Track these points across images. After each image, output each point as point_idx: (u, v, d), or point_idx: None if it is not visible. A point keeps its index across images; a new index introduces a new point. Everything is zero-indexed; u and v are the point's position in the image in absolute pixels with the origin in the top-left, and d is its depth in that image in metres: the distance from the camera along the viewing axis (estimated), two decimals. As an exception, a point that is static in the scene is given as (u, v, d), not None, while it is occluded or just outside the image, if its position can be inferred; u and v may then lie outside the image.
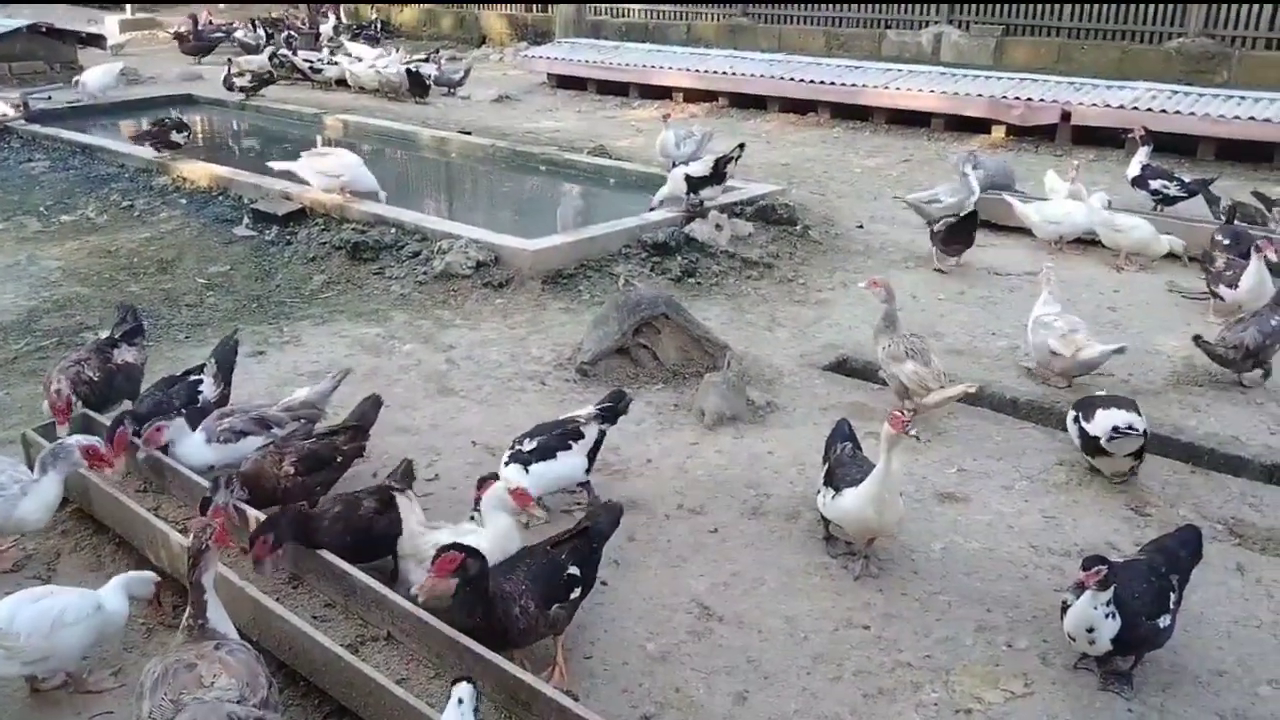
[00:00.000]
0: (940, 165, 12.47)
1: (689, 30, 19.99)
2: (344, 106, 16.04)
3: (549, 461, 4.82)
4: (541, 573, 3.88)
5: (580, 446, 4.94)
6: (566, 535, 4.14)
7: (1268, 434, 5.90)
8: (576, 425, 4.99)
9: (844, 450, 4.86)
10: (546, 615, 3.84)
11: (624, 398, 5.32)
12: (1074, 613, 3.83)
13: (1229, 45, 14.86)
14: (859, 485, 4.48)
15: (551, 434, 4.93)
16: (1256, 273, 7.25)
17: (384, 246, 8.47)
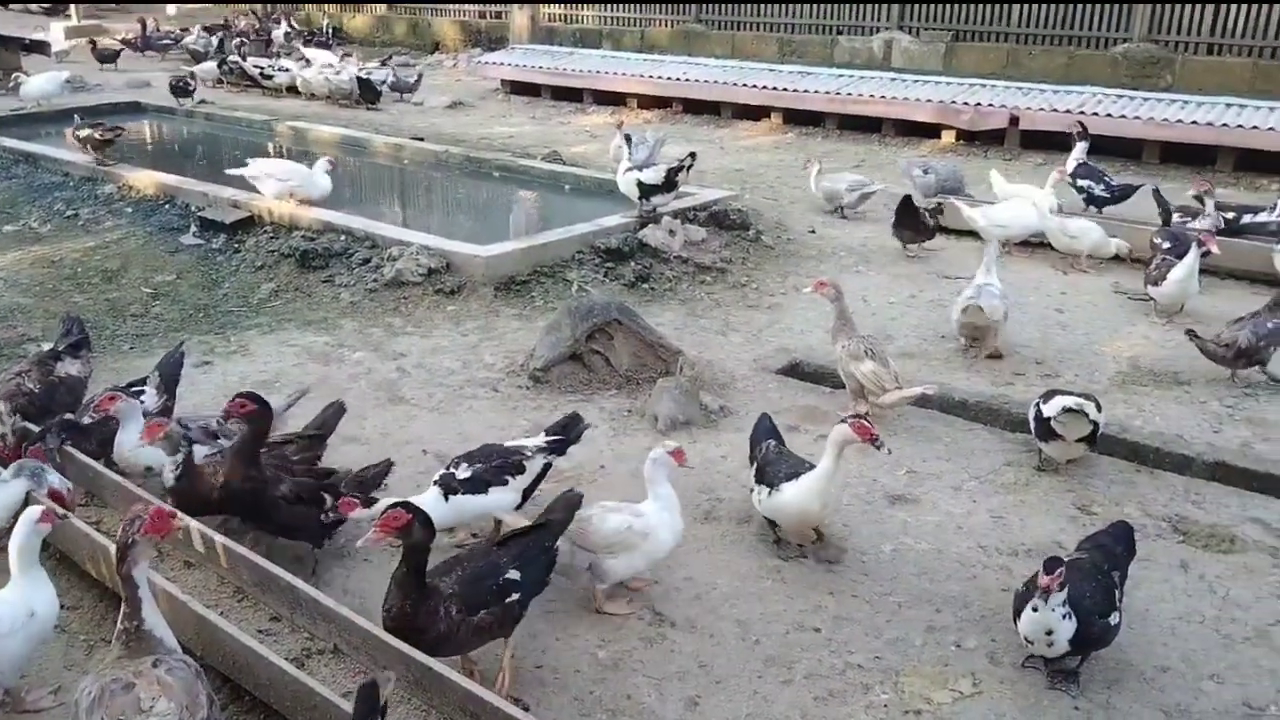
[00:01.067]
0: (892, 169, 12.58)
1: (643, 36, 20.03)
2: (295, 113, 15.89)
3: (477, 496, 4.56)
4: (474, 576, 3.80)
5: (517, 482, 4.67)
6: (515, 534, 4.10)
7: (1211, 433, 6.00)
8: (520, 459, 4.73)
9: (769, 448, 4.94)
10: (470, 623, 3.72)
11: (577, 425, 5.09)
12: (1032, 617, 3.83)
13: (1172, 50, 15.13)
14: (799, 480, 4.54)
15: (490, 465, 4.65)
16: (1186, 267, 7.37)
17: (334, 254, 8.38)
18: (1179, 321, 7.60)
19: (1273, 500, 5.32)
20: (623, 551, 4.32)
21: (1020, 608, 3.93)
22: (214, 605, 4.34)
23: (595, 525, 4.32)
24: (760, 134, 15.20)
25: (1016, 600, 4.01)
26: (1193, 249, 7.40)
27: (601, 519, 4.34)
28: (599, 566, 4.34)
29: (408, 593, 3.65)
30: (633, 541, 4.31)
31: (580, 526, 4.31)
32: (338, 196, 9.47)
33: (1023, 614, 3.88)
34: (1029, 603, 3.85)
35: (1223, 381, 6.64)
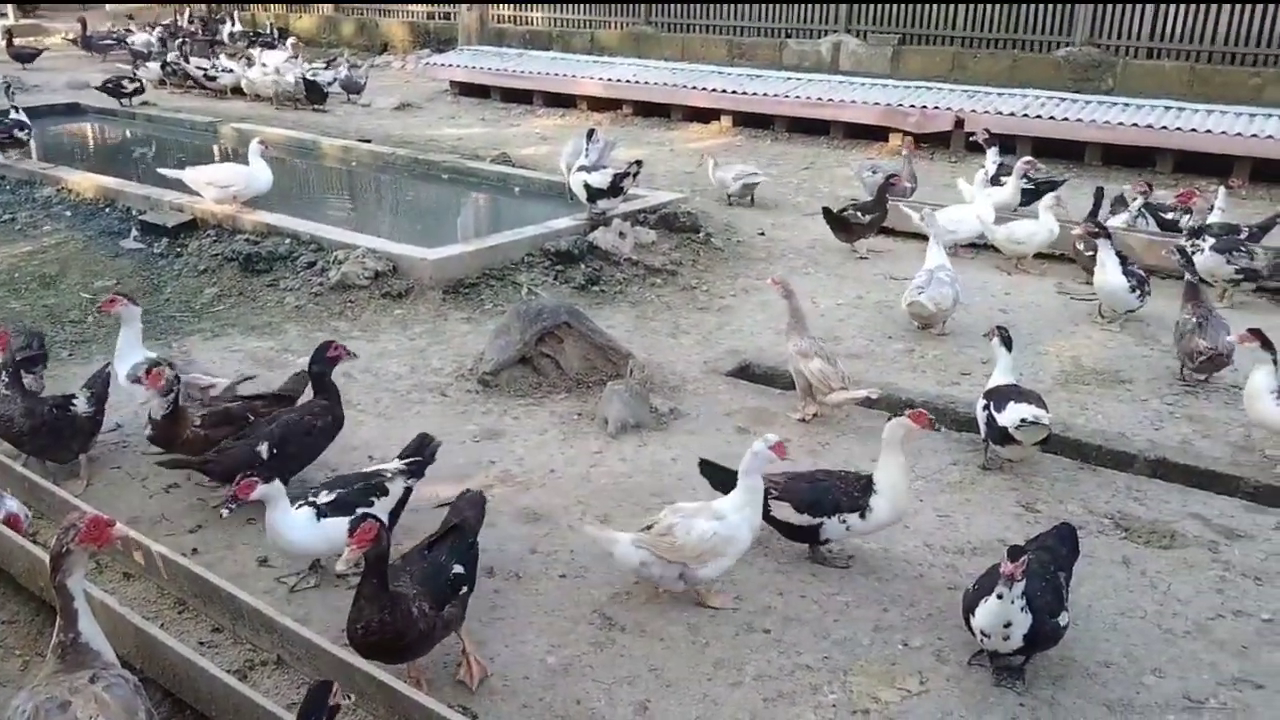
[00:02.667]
0: (841, 172, 12.69)
1: (593, 39, 20.00)
2: (240, 115, 15.67)
3: (342, 518, 4.26)
4: (427, 575, 3.82)
5: (380, 506, 4.49)
6: (438, 536, 4.08)
7: (1152, 430, 6.10)
8: (382, 480, 4.58)
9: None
10: (441, 616, 3.79)
11: (429, 445, 4.85)
12: (993, 609, 3.82)
13: (1113, 54, 15.41)
14: (879, 492, 4.61)
15: (353, 487, 4.50)
16: (1100, 263, 7.50)
17: (278, 257, 8.26)
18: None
19: (1212, 496, 5.43)
20: (712, 559, 4.29)
21: (973, 605, 3.95)
22: (154, 617, 4.26)
23: (681, 540, 4.25)
24: (710, 136, 15.23)
25: (968, 598, 4.03)
26: (1101, 245, 7.50)
27: (686, 531, 4.26)
28: (691, 575, 4.31)
29: (381, 603, 3.61)
30: (721, 549, 4.30)
31: (665, 541, 4.26)
32: (282, 199, 9.35)
33: (979, 607, 3.89)
34: (986, 595, 3.86)
35: (1163, 379, 6.76)
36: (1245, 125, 12.46)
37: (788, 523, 4.68)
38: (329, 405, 5.27)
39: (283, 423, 5.10)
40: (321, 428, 5.21)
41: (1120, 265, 7.47)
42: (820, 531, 4.65)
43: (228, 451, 4.96)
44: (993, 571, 4.00)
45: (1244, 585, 4.64)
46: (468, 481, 5.40)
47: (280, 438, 5.02)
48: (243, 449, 4.94)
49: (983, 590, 3.93)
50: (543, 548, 4.87)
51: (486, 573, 4.61)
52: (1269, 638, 4.30)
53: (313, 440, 5.20)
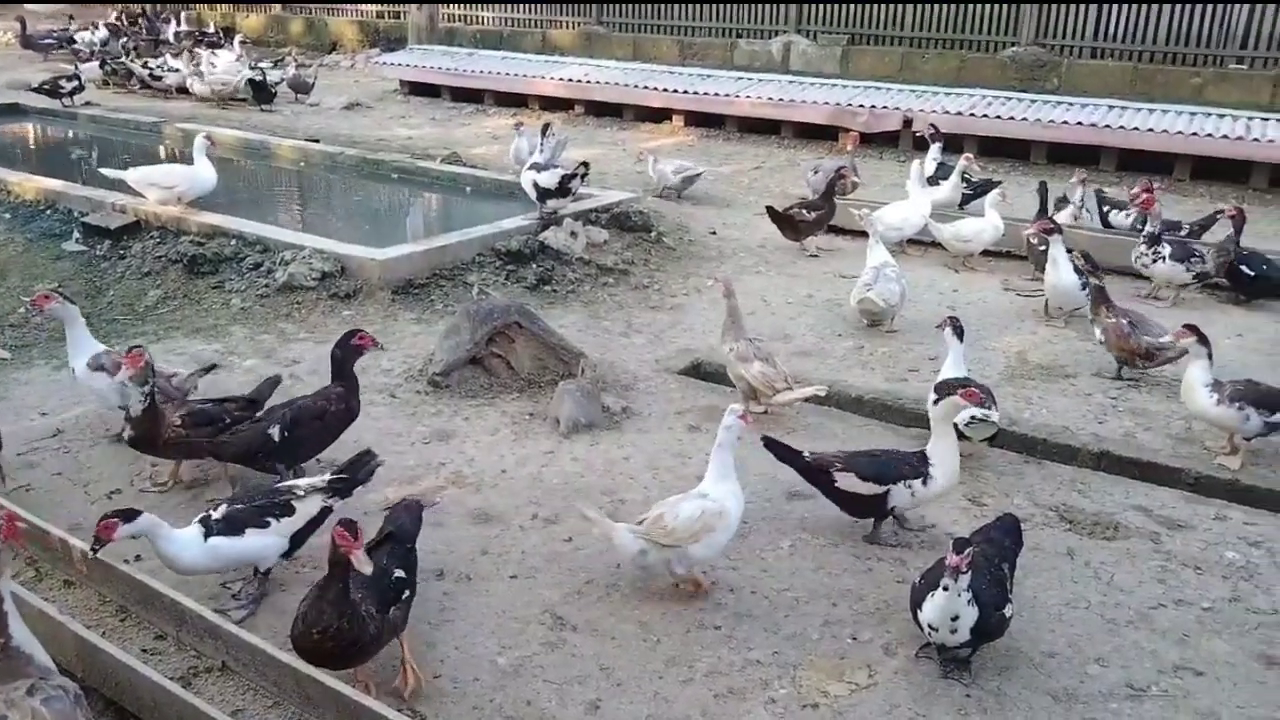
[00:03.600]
0: (792, 171, 12.76)
1: (544, 38, 19.96)
2: (185, 115, 15.44)
3: (232, 538, 4.17)
4: (369, 581, 3.78)
5: (282, 525, 4.28)
6: (375, 543, 4.05)
7: (1096, 423, 6.20)
8: (289, 499, 4.35)
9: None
10: (388, 620, 3.77)
11: (366, 464, 4.60)
12: (940, 602, 3.84)
13: (1058, 54, 15.66)
14: (935, 464, 4.79)
15: (251, 504, 4.30)
16: (1051, 261, 7.60)
17: (224, 259, 8.14)
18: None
19: (1154, 488, 5.53)
20: (705, 535, 4.33)
21: (920, 599, 3.97)
22: (95, 625, 4.19)
23: (670, 522, 4.31)
24: (662, 136, 15.26)
25: (915, 592, 4.06)
26: (1053, 243, 7.59)
27: (674, 513, 4.33)
28: (686, 557, 4.35)
29: (342, 609, 3.57)
30: (711, 524, 4.34)
31: (656, 526, 4.32)
32: (229, 200, 9.22)
33: (926, 602, 3.91)
34: (933, 589, 3.88)
35: (1107, 374, 6.88)
36: (1186, 124, 12.71)
37: (854, 493, 4.79)
38: (345, 393, 5.27)
39: (295, 406, 5.14)
40: (335, 413, 5.22)
41: (1070, 262, 7.59)
42: (887, 499, 4.76)
43: (240, 433, 5.03)
44: (939, 565, 4.05)
45: (1184, 575, 4.73)
46: (418, 483, 5.39)
47: (292, 420, 5.04)
48: (254, 431, 5.00)
49: (929, 584, 3.96)
50: (494, 549, 4.84)
51: (436, 575, 4.59)
52: (1209, 625, 4.39)
53: (324, 426, 5.20)
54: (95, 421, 5.94)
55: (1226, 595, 4.59)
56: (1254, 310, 8.34)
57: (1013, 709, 3.87)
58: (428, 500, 5.15)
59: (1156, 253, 8.14)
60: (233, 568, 4.34)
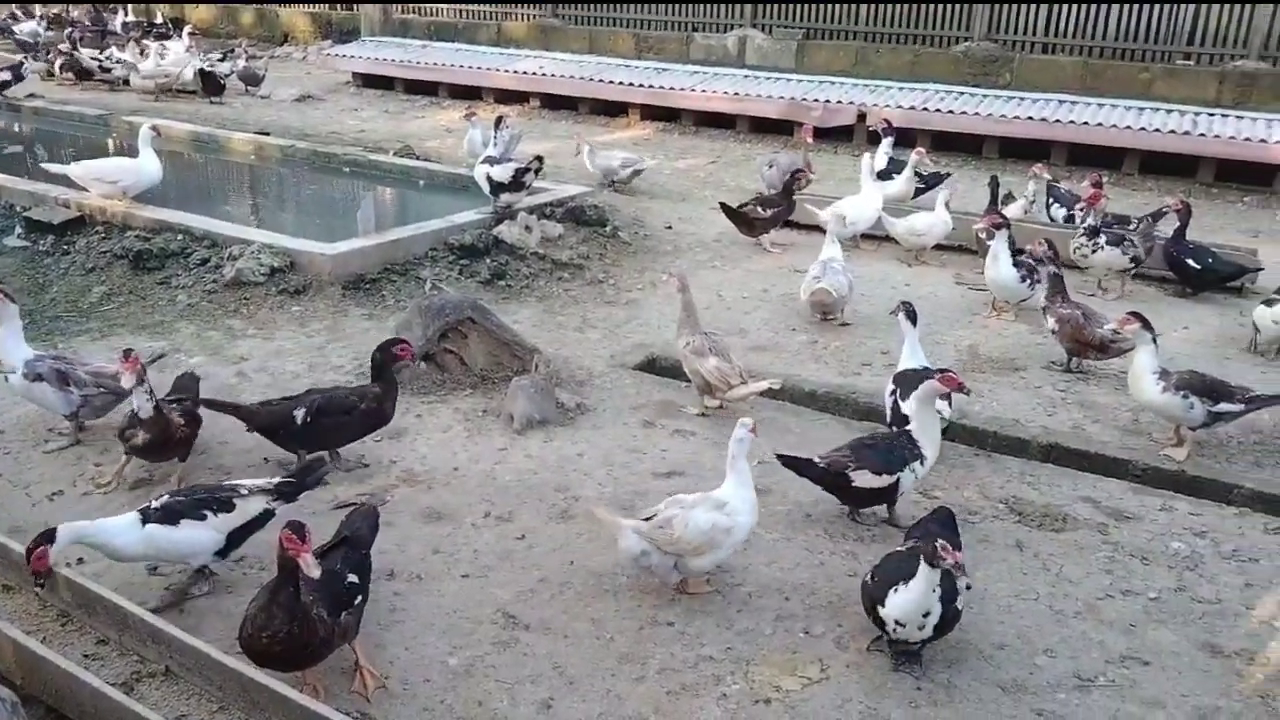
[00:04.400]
0: (748, 166, 12.78)
1: (499, 30, 19.79)
2: (133, 108, 15.16)
3: (168, 527, 4.12)
4: (321, 584, 3.73)
5: (219, 521, 4.22)
6: (329, 546, 4.02)
7: (1045, 416, 6.27)
8: (230, 496, 4.30)
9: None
10: (339, 623, 3.74)
11: (316, 471, 4.64)
12: (911, 599, 3.82)
13: (1010, 49, 15.77)
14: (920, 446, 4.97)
15: (191, 497, 4.26)
16: (991, 255, 7.68)
17: (170, 254, 8.00)
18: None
19: (1102, 479, 5.60)
20: (709, 550, 4.33)
21: (880, 596, 3.92)
22: (35, 631, 4.09)
23: (679, 532, 4.27)
24: (619, 130, 15.22)
25: (871, 589, 4.02)
26: (997, 239, 7.67)
27: (684, 524, 4.28)
28: (686, 566, 4.38)
29: (293, 611, 3.53)
30: (718, 540, 4.34)
31: (665, 534, 4.28)
32: (177, 194, 9.07)
33: (891, 597, 3.86)
34: (893, 584, 3.86)
35: (1056, 367, 6.95)
36: (1135, 119, 12.90)
37: (871, 488, 4.92)
38: (380, 395, 5.38)
39: (327, 395, 5.32)
40: (364, 412, 5.32)
41: (1011, 256, 7.65)
42: (899, 486, 4.92)
43: (270, 407, 5.27)
44: (891, 559, 4.06)
45: (1131, 565, 4.79)
46: (369, 482, 5.33)
47: (319, 409, 5.20)
48: (282, 409, 5.22)
49: (887, 580, 3.95)
50: (445, 548, 4.79)
51: (387, 575, 4.54)
52: (1155, 615, 4.45)
53: (350, 421, 5.31)
54: (37, 422, 5.81)
55: (1172, 585, 4.66)
56: (1200, 303, 8.48)
57: (963, 701, 3.90)
58: (378, 499, 5.11)
59: (1095, 244, 8.24)
60: (167, 559, 4.28)
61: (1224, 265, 8.47)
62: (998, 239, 7.61)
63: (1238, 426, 6.08)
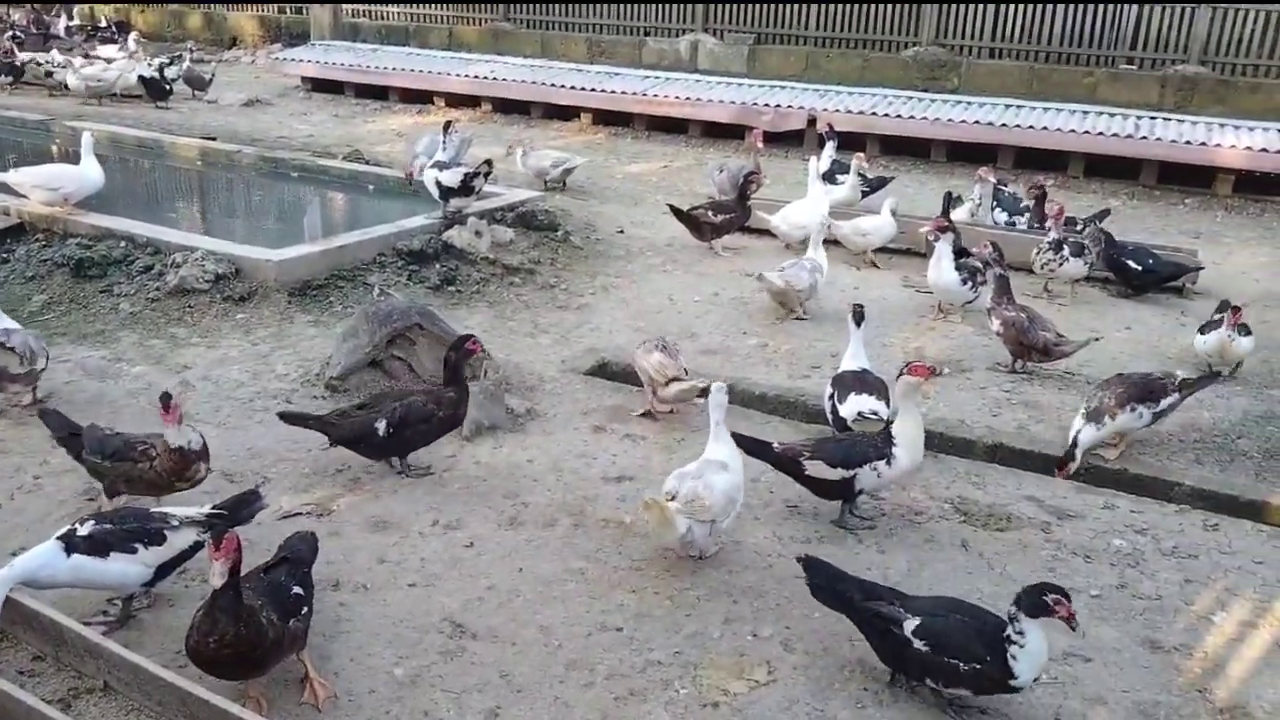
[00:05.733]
0: (700, 170, 12.80)
1: (451, 34, 19.72)
2: (75, 113, 14.88)
3: (96, 559, 3.96)
4: (268, 591, 3.73)
5: (148, 555, 4.06)
6: (272, 563, 3.99)
7: (990, 416, 6.35)
8: (161, 528, 4.13)
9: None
10: (288, 629, 3.70)
11: (250, 505, 4.46)
12: (1043, 652, 3.72)
13: (958, 54, 15.99)
14: (899, 445, 4.91)
15: (122, 526, 4.07)
16: (935, 258, 7.78)
17: (112, 262, 7.85)
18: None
19: (1045, 479, 5.67)
20: (732, 509, 4.65)
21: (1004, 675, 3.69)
22: (-34, 649, 3.99)
23: (710, 500, 4.50)
24: (571, 134, 15.20)
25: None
26: (941, 243, 7.75)
27: (709, 490, 4.51)
28: (719, 530, 4.65)
29: (237, 614, 3.48)
30: (735, 496, 4.64)
31: (698, 504, 4.47)
32: (120, 201, 8.90)
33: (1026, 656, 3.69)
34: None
35: (1002, 368, 7.04)
36: (1079, 122, 13.12)
37: (824, 479, 4.94)
38: (455, 400, 5.43)
39: (406, 404, 5.31)
40: (442, 419, 5.39)
41: (956, 259, 7.74)
42: (855, 482, 4.91)
43: (351, 419, 5.30)
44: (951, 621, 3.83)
45: (1074, 563, 4.86)
46: (313, 491, 5.26)
47: (400, 419, 5.25)
48: (363, 421, 5.26)
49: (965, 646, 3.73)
50: (391, 557, 4.75)
51: (332, 585, 4.49)
52: (1097, 613, 4.51)
53: (429, 429, 5.38)
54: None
55: (1114, 582, 4.73)
56: (1142, 303, 8.63)
57: (908, 700, 3.93)
58: (322, 508, 5.06)
59: (1061, 256, 8.37)
60: (92, 588, 4.16)
61: (1164, 266, 8.63)
62: (942, 242, 7.70)
63: (1179, 425, 6.20)
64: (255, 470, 5.40)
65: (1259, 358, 7.40)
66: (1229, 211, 12.12)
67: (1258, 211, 12.08)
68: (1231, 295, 8.85)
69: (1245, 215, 12.00)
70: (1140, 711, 3.93)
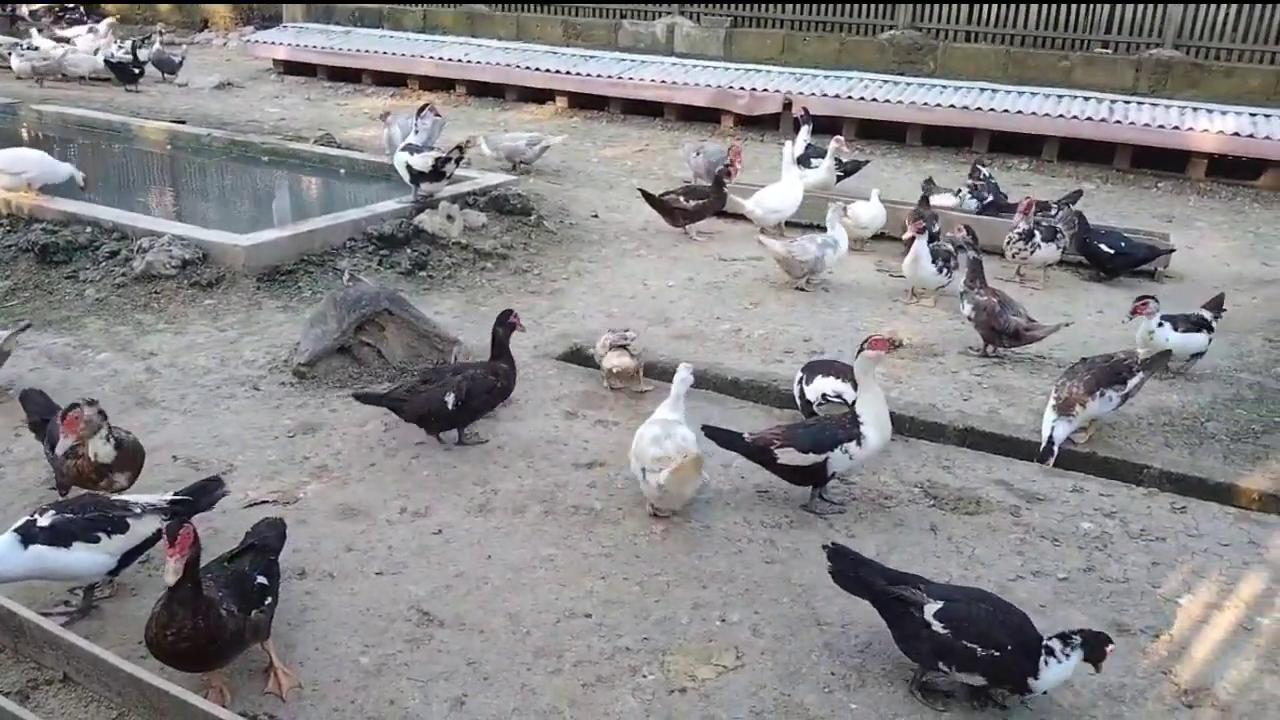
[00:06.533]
0: (675, 154, 12.76)
1: (425, 16, 19.51)
2: (44, 96, 14.68)
3: (59, 549, 3.90)
4: (230, 581, 3.69)
5: (113, 543, 4.01)
6: (237, 552, 3.94)
7: (962, 400, 6.35)
8: (124, 516, 4.07)
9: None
10: (249, 620, 3.66)
11: (213, 491, 4.41)
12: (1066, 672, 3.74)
13: (934, 38, 15.95)
14: (866, 422, 4.95)
15: (84, 515, 4.01)
16: (912, 253, 7.76)
17: (78, 247, 7.74)
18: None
19: (1015, 462, 5.68)
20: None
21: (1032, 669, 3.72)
22: (-79, 641, 3.93)
23: (697, 450, 4.76)
24: (545, 117, 15.12)
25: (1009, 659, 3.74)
26: (918, 239, 7.71)
27: (688, 439, 4.84)
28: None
29: (196, 607, 3.44)
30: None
31: (691, 460, 4.68)
32: (86, 187, 8.75)
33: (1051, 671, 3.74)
34: None
35: (973, 352, 7.05)
36: (1054, 106, 13.15)
37: (795, 466, 4.94)
38: (509, 371, 5.74)
39: (469, 377, 5.53)
40: (500, 389, 5.69)
41: (929, 247, 7.72)
42: (827, 466, 4.91)
43: (420, 394, 5.45)
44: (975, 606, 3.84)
45: (1042, 547, 4.87)
46: (279, 478, 5.21)
47: (467, 391, 5.46)
48: (433, 395, 5.41)
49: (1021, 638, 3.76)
50: (359, 545, 4.71)
51: (298, 574, 4.45)
52: (1064, 596, 4.52)
53: (490, 399, 5.65)
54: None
55: (1082, 566, 4.74)
56: (1114, 287, 8.67)
57: (875, 685, 3.93)
58: (290, 496, 5.01)
59: (1033, 245, 8.37)
60: (54, 579, 4.09)
61: (1135, 249, 8.67)
62: (920, 240, 7.65)
63: (1148, 409, 6.22)
64: (221, 458, 5.35)
65: (1228, 340, 7.45)
66: (1202, 195, 12.18)
67: (1230, 195, 12.15)
68: (1202, 279, 8.95)
69: (1218, 199, 12.07)
70: (1105, 694, 3.95)
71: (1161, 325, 6.53)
